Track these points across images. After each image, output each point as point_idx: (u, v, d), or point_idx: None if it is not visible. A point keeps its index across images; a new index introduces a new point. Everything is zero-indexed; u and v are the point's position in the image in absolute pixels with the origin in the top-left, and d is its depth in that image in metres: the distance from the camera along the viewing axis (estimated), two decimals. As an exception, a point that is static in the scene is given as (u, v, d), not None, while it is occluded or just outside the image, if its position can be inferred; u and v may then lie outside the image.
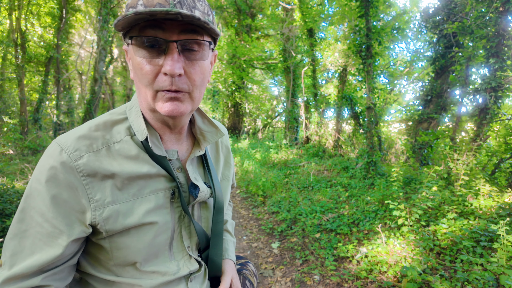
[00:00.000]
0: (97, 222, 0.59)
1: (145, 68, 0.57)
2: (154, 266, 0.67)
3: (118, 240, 0.62)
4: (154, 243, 0.65)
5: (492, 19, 4.88)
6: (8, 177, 4.86)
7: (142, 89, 0.61)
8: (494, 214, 2.94)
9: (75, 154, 0.58)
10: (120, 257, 0.64)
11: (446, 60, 6.91)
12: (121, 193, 0.62)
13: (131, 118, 0.67)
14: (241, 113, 14.57)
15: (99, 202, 0.60)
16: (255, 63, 14.05)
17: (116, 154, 0.62)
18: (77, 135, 0.61)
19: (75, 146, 0.59)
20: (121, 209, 0.61)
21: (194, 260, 0.75)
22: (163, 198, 0.67)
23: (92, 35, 15.27)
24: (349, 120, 10.52)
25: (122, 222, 0.61)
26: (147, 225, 0.64)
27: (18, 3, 9.82)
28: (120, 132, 0.65)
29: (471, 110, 5.44)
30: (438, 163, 5.40)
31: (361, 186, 5.00)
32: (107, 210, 0.60)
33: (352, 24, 7.31)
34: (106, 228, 0.60)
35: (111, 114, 0.69)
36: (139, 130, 0.65)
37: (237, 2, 12.31)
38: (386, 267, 2.54)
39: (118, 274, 0.66)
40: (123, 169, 0.62)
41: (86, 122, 0.66)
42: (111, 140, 0.63)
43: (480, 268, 2.29)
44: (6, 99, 11.13)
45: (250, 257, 3.19)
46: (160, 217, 0.66)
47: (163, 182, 0.67)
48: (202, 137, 0.76)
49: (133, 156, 0.64)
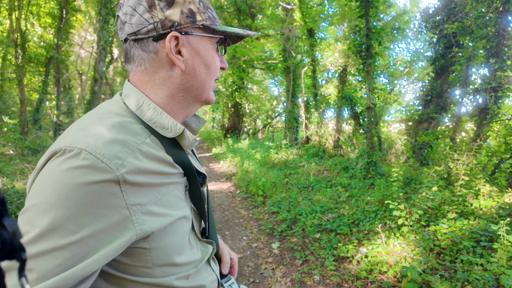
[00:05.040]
0: (137, 229, 0.54)
1: (216, 62, 0.70)
2: (183, 259, 0.67)
3: (156, 239, 0.59)
4: (184, 236, 0.67)
5: (492, 19, 4.88)
6: (8, 177, 4.87)
7: (208, 81, 0.69)
8: (494, 214, 2.94)
9: (116, 162, 0.51)
10: (160, 257, 0.61)
11: (446, 60, 6.91)
12: (152, 192, 0.59)
13: (149, 116, 0.63)
14: (241, 113, 14.57)
15: (136, 207, 0.55)
16: (255, 63, 14.05)
17: (143, 157, 0.58)
18: (104, 139, 0.52)
19: (112, 152, 0.52)
20: (154, 209, 0.59)
21: (205, 243, 0.78)
22: (181, 191, 0.68)
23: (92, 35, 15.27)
24: (349, 120, 10.53)
25: (159, 221, 0.59)
26: (179, 220, 0.65)
27: (18, 3, 9.82)
28: (139, 133, 0.61)
29: (471, 110, 5.44)
30: (438, 163, 5.40)
31: (361, 186, 5.00)
32: (144, 211, 0.56)
33: (352, 24, 7.31)
34: (145, 231, 0.55)
35: (112, 115, 0.62)
36: (170, 126, 0.64)
37: (237, 2, 12.31)
38: (386, 267, 2.54)
39: (154, 275, 0.61)
40: (152, 170, 0.59)
41: (90, 124, 0.57)
42: (136, 142, 0.58)
43: (480, 268, 2.29)
44: (6, 99, 11.13)
45: (250, 257, 3.19)
46: (184, 210, 0.67)
47: (179, 176, 0.68)
48: (189, 128, 0.81)
49: (159, 157, 0.61)
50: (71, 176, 0.47)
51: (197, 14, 0.64)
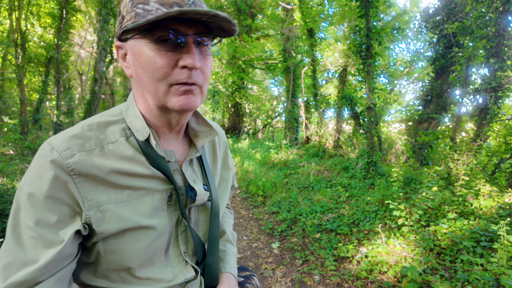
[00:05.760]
0: (91, 221, 0.58)
1: (158, 62, 0.57)
2: (149, 273, 0.65)
3: (112, 242, 0.60)
4: (150, 248, 0.64)
5: (492, 19, 4.88)
6: (8, 177, 4.87)
7: (151, 85, 0.59)
8: (494, 214, 2.94)
9: (66, 153, 0.57)
10: (114, 261, 0.61)
11: (446, 60, 6.91)
12: (114, 193, 0.60)
13: (129, 119, 0.66)
14: (241, 113, 14.57)
15: (92, 202, 0.58)
16: (255, 63, 14.05)
17: (109, 155, 0.61)
18: (69, 134, 0.60)
19: (66, 145, 0.58)
20: (115, 209, 0.60)
21: (190, 267, 0.72)
22: (160, 200, 0.65)
23: (92, 35, 15.27)
24: (349, 120, 10.52)
25: (117, 222, 0.59)
26: (144, 229, 0.62)
27: (18, 3, 9.82)
28: (115, 133, 0.64)
29: (471, 110, 5.44)
30: (438, 163, 5.39)
31: (361, 186, 5.00)
32: (101, 209, 0.58)
33: (352, 24, 7.31)
34: (100, 229, 0.58)
35: (104, 115, 0.68)
36: (140, 129, 0.64)
37: (237, 2, 12.31)
38: (386, 267, 2.54)
39: (110, 279, 0.63)
40: (116, 169, 0.61)
41: (79, 122, 0.65)
42: (105, 140, 0.62)
43: (480, 268, 2.29)
44: (6, 99, 11.14)
45: (250, 257, 3.19)
46: (157, 221, 0.64)
47: (159, 184, 0.66)
48: (196, 137, 0.75)
49: (128, 157, 0.63)
50: (35, 163, 0.59)
51: (126, 16, 0.59)
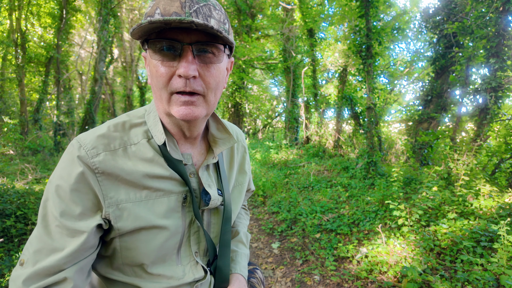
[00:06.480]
0: (110, 218, 0.62)
1: (160, 71, 0.59)
2: (160, 269, 0.68)
3: (128, 240, 0.64)
4: (163, 247, 0.67)
5: (492, 19, 4.88)
6: (8, 177, 4.87)
7: (158, 92, 0.63)
8: (495, 214, 2.94)
9: (92, 151, 0.62)
10: (129, 257, 0.66)
11: (446, 60, 6.91)
12: (133, 192, 0.64)
13: (150, 122, 0.70)
14: (241, 113, 14.57)
15: (113, 200, 0.62)
16: (255, 63, 14.05)
17: (132, 156, 0.65)
18: (96, 134, 0.65)
19: (93, 144, 0.63)
20: (133, 208, 0.63)
21: (201, 267, 0.74)
22: (175, 201, 0.68)
23: (92, 35, 15.27)
24: (349, 120, 10.52)
25: (133, 221, 0.63)
26: (158, 228, 0.65)
27: (18, 3, 9.82)
28: (138, 135, 0.68)
29: (471, 110, 5.44)
30: (438, 163, 5.39)
31: (361, 186, 5.00)
32: (120, 207, 0.62)
33: (352, 24, 7.31)
34: (117, 225, 0.62)
35: (130, 115, 0.72)
36: (157, 134, 0.68)
37: (237, 2, 12.31)
38: (386, 267, 2.54)
39: (125, 273, 0.68)
40: (137, 170, 0.64)
41: (106, 121, 0.70)
42: (128, 141, 0.67)
43: (480, 268, 2.29)
44: (6, 99, 11.14)
45: (250, 257, 3.19)
46: (171, 221, 0.67)
47: (176, 185, 0.69)
48: (214, 144, 0.77)
49: (148, 158, 0.66)
50: (64, 159, 0.63)
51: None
